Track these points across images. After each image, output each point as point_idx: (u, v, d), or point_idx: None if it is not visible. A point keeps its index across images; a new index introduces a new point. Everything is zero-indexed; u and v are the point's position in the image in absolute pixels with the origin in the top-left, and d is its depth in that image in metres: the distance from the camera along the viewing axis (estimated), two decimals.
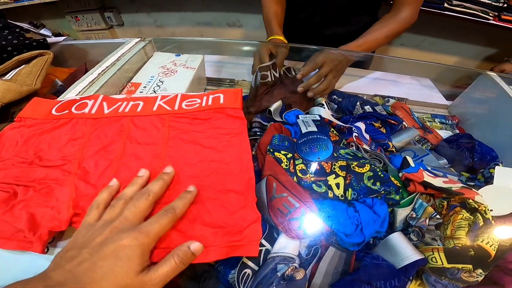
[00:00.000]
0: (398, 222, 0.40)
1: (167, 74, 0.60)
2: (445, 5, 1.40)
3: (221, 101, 0.42)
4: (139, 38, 0.71)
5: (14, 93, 0.53)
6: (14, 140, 0.40)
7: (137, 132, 0.40)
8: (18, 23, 0.77)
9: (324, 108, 0.54)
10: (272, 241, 0.35)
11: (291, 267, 0.34)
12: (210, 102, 0.43)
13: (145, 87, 0.56)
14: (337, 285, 0.32)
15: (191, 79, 0.58)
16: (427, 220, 0.38)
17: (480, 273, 0.32)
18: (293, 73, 0.67)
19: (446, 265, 0.32)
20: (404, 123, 0.59)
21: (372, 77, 0.81)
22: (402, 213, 0.40)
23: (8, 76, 0.57)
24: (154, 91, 0.55)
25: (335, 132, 0.42)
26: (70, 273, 0.23)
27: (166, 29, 2.17)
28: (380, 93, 0.69)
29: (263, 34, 2.05)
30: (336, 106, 0.61)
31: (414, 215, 0.39)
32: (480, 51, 1.72)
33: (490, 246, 0.33)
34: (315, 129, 0.41)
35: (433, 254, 0.34)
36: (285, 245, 0.34)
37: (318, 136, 0.40)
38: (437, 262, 0.33)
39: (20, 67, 0.59)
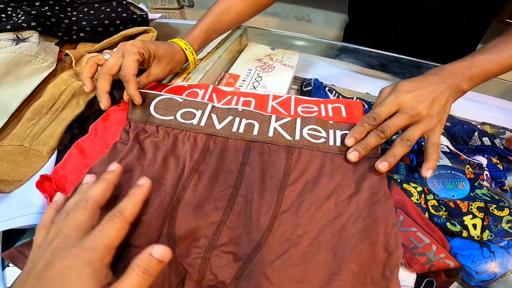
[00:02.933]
0: None
1: (264, 69, 0.58)
2: None
3: (344, 114, 0.39)
4: None
5: None
6: (120, 122, 0.40)
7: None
8: None
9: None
10: None
11: None
12: (331, 113, 0.39)
13: (244, 80, 0.54)
14: None
15: (291, 79, 0.56)
16: None
17: None
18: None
19: None
20: None
21: (475, 99, 0.72)
22: None
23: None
24: (254, 86, 0.53)
25: (470, 169, 0.37)
26: None
27: None
28: (489, 122, 0.61)
29: (331, 33, 1.94)
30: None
31: None
32: None
33: None
34: (448, 162, 0.36)
35: None
36: (404, 278, 0.33)
37: (453, 172, 0.35)
38: None
39: None
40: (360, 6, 0.80)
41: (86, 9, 0.63)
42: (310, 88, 0.65)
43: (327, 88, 0.68)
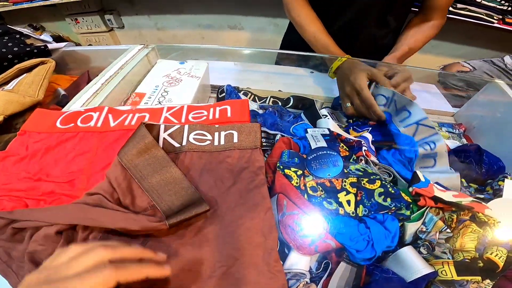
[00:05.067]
0: (408, 236, 0.40)
1: (171, 84, 0.59)
2: (450, 8, 1.40)
3: (229, 114, 0.42)
4: (142, 45, 0.70)
5: (16, 105, 0.52)
6: (19, 154, 0.39)
7: None
8: (18, 28, 0.76)
9: (328, 119, 0.54)
10: (283, 257, 0.34)
11: (302, 283, 0.34)
12: (217, 115, 0.42)
13: (150, 97, 0.55)
14: None
15: (196, 89, 0.57)
16: (437, 234, 0.39)
17: (488, 283, 0.33)
18: None
19: (455, 277, 0.33)
20: None
21: None
22: (412, 228, 0.40)
23: (9, 86, 0.56)
24: (159, 101, 0.54)
25: (344, 147, 0.41)
26: None
27: (167, 32, 2.16)
28: None
29: (264, 37, 2.02)
30: (342, 114, 0.60)
31: (424, 229, 0.40)
32: (482, 53, 1.72)
33: (499, 258, 0.35)
34: (324, 144, 0.40)
35: (443, 267, 0.35)
36: (296, 262, 0.34)
37: (328, 152, 0.39)
38: (447, 275, 0.34)
39: (22, 76, 0.57)
40: None
41: None
42: (224, 94, 0.68)
43: (242, 92, 0.71)
